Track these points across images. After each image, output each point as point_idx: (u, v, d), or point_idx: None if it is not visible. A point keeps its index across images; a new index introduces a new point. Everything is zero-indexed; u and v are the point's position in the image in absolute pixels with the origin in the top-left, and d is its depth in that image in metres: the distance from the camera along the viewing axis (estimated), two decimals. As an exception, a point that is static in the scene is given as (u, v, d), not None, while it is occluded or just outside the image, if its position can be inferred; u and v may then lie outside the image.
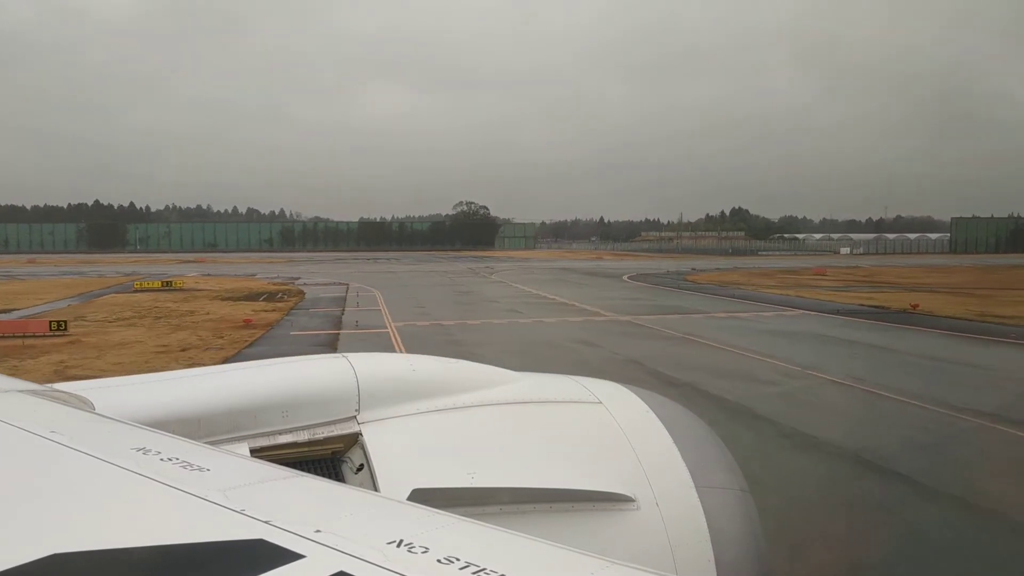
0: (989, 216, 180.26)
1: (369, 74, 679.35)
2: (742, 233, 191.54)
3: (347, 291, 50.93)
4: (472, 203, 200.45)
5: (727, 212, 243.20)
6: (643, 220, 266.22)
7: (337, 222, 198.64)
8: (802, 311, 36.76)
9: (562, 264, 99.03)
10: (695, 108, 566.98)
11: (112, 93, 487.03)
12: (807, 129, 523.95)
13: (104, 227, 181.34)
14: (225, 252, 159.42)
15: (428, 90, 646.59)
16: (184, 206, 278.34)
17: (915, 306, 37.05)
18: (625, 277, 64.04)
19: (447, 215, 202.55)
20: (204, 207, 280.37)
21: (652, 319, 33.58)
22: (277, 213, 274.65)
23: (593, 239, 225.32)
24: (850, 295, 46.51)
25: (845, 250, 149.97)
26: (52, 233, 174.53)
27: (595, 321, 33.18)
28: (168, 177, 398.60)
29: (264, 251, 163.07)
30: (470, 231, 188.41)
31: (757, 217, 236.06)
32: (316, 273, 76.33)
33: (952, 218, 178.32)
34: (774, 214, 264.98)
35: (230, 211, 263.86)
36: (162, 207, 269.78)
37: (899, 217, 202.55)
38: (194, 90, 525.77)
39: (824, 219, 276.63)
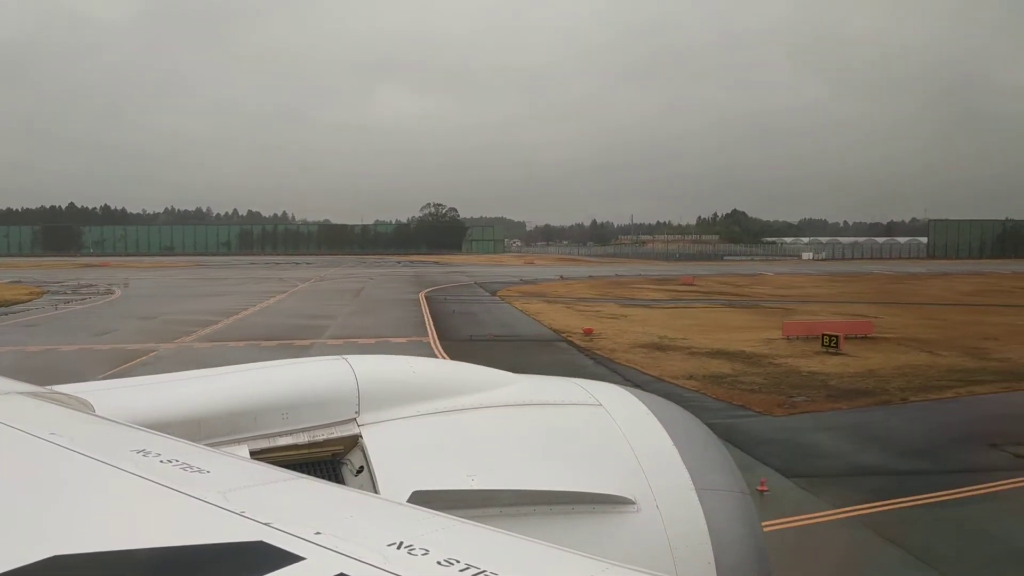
0: (970, 219, 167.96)
1: (374, 76, 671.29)
2: (716, 237, 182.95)
3: (65, 302, 48.25)
4: (440, 205, 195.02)
5: (729, 213, 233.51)
6: (650, 223, 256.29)
7: (298, 225, 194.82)
8: (448, 341, 30.96)
9: (440, 270, 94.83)
10: (698, 108, 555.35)
11: (114, 96, 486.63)
12: (832, 131, 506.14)
13: (59, 230, 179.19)
14: (176, 255, 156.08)
15: (436, 92, 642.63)
16: (182, 208, 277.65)
17: (588, 331, 32.88)
18: (422, 293, 55.81)
19: (412, 217, 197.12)
20: (204, 210, 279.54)
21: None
22: (279, 215, 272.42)
23: (565, 243, 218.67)
24: (616, 311, 42.43)
25: (807, 255, 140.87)
26: (7, 235, 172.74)
27: (126, 350, 28.11)
28: (171, 179, 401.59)
29: (218, 254, 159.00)
30: (435, 234, 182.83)
31: (754, 219, 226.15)
32: (136, 279, 74.74)
33: (930, 220, 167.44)
34: (794, 216, 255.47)
35: (230, 213, 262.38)
36: (160, 210, 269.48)
37: (914, 220, 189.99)
38: (195, 92, 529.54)
39: (845, 222, 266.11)
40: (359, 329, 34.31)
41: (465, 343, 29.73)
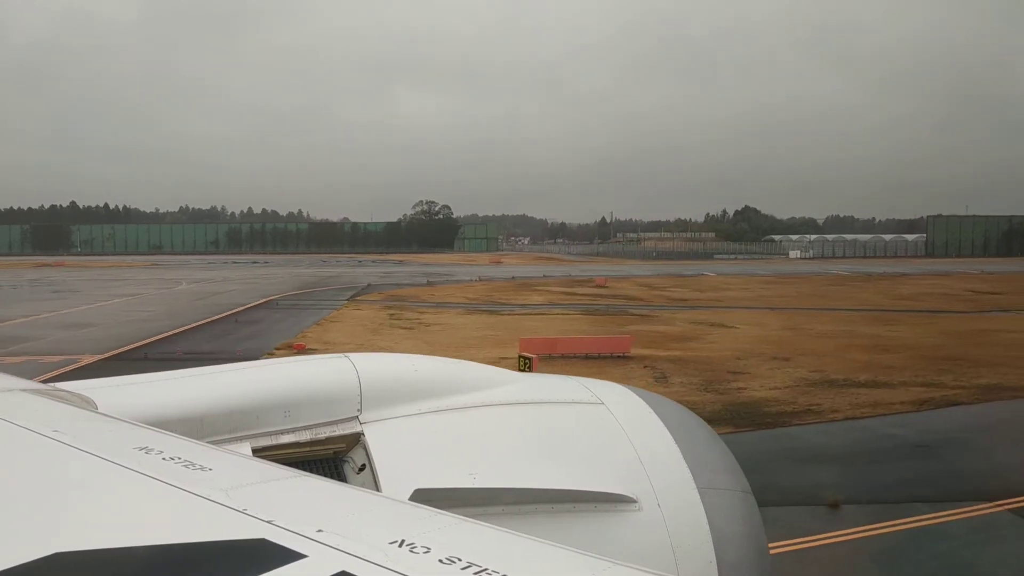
0: (971, 215, 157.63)
1: (390, 75, 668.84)
2: (713, 235, 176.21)
3: None
4: (432, 203, 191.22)
5: (740, 210, 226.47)
6: (669, 220, 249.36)
7: (286, 224, 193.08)
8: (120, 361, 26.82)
9: (373, 270, 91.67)
10: (716, 103, 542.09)
11: (128, 97, 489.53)
12: (865, 127, 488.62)
13: (49, 229, 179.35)
14: (165, 255, 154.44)
15: (455, 90, 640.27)
16: (196, 207, 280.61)
17: (299, 347, 29.97)
18: (269, 299, 51.39)
19: (404, 215, 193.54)
20: (219, 208, 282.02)
21: None
22: (295, 213, 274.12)
23: (561, 240, 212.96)
24: (439, 319, 39.25)
25: (795, 253, 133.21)
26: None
27: None
28: (189, 179, 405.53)
29: (207, 254, 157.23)
30: (427, 232, 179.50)
31: (767, 216, 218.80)
32: (36, 281, 72.50)
33: (928, 216, 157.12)
34: (821, 212, 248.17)
35: (245, 212, 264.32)
36: (176, 208, 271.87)
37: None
38: (208, 93, 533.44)
39: (874, 218, 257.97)
40: (51, 344, 30.45)
41: (136, 363, 25.44)
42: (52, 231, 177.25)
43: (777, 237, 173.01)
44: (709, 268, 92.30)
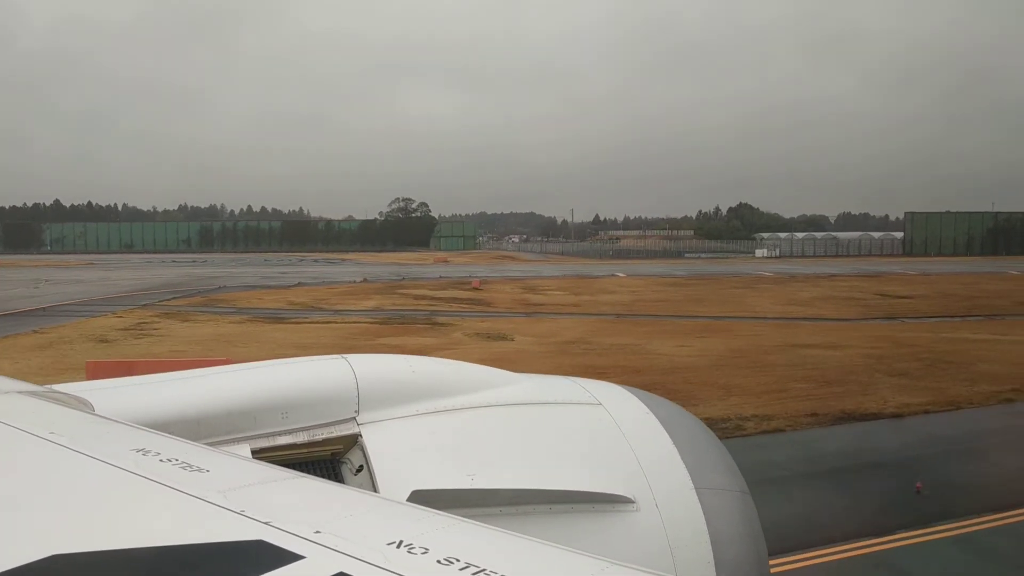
0: (952, 211, 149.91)
1: (396, 77, 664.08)
2: (691, 232, 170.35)
3: None
4: (409, 200, 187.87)
5: (734, 207, 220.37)
6: (678, 217, 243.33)
7: (259, 222, 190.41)
8: None
9: (280, 270, 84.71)
10: (723, 102, 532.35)
11: (125, 98, 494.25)
12: (885, 125, 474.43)
13: (21, 227, 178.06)
14: (135, 253, 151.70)
15: (457, 91, 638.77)
16: (194, 205, 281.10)
17: None
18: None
19: (380, 213, 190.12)
20: (218, 207, 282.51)
21: None
22: (296, 211, 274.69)
23: (540, 239, 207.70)
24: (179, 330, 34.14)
25: (761, 252, 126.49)
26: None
27: None
28: (192, 180, 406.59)
29: (178, 252, 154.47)
30: (402, 231, 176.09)
31: (767, 214, 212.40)
32: None
33: (906, 213, 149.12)
34: (832, 211, 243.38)
35: (244, 210, 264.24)
36: (174, 207, 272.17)
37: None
38: (211, 96, 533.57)
39: (887, 216, 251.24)
40: None
41: None
42: (24, 230, 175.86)
43: (766, 235, 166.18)
44: (632, 268, 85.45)
